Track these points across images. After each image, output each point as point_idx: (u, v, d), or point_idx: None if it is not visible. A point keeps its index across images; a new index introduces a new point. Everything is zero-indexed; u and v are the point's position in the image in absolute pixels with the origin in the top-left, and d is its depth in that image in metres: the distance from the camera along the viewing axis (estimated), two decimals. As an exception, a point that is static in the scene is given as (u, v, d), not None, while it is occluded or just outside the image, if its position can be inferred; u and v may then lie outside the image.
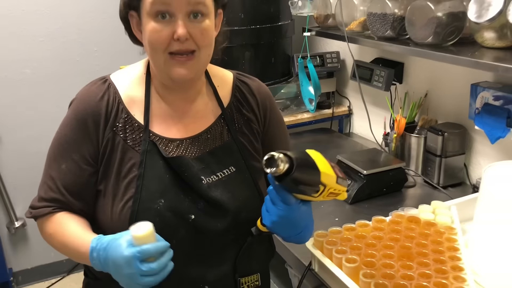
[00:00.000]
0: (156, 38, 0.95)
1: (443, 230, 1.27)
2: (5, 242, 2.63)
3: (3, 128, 2.51)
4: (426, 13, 1.50)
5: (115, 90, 1.05)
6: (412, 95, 1.99)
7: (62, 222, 1.03)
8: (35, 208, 1.05)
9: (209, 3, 0.98)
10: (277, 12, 2.22)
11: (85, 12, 2.53)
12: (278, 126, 1.19)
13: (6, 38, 2.42)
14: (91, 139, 1.02)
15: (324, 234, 1.26)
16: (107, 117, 1.03)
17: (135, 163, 1.02)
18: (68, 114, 1.05)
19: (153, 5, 0.94)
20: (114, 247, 0.89)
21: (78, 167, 1.02)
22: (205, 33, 0.97)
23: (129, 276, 0.88)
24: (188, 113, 1.08)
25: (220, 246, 1.06)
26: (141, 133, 1.03)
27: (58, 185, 1.03)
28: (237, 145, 1.09)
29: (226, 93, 1.13)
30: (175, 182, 1.02)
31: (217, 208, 1.03)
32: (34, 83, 2.53)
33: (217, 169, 1.06)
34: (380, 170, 1.70)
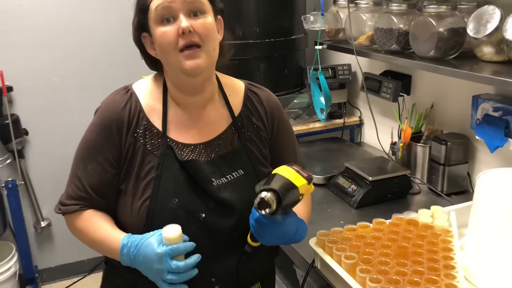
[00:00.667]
0: (165, 39, 1.06)
1: (440, 233, 1.35)
2: (31, 241, 2.78)
3: (32, 133, 2.67)
4: (428, 28, 1.59)
5: (136, 99, 1.16)
6: (419, 106, 2.07)
7: (91, 219, 1.14)
8: (64, 205, 1.17)
9: (206, 2, 1.09)
10: (291, 26, 2.34)
11: (111, 26, 2.68)
12: (286, 134, 1.29)
13: (38, 50, 2.59)
14: (114, 143, 1.13)
15: (326, 234, 1.35)
16: (129, 124, 1.13)
17: (153, 166, 1.12)
18: (94, 121, 1.16)
19: (157, 11, 1.06)
20: (146, 245, 1.03)
21: (103, 168, 1.13)
22: (206, 26, 1.08)
23: (157, 272, 1.01)
24: (202, 120, 1.18)
25: (228, 243, 1.15)
26: (159, 139, 1.14)
27: (85, 185, 1.14)
28: (246, 151, 1.19)
29: (238, 102, 1.23)
30: (188, 183, 1.12)
31: (226, 208, 1.13)
32: (61, 91, 2.69)
33: (227, 172, 1.16)
34: (385, 177, 1.79)
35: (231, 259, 1.16)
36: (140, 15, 1.11)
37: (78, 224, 1.16)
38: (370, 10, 1.95)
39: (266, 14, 2.25)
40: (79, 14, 2.63)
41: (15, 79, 2.56)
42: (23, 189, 2.65)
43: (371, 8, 1.95)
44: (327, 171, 2.00)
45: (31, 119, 2.64)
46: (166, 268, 1.00)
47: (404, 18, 1.72)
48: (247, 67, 2.28)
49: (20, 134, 2.58)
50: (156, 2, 1.06)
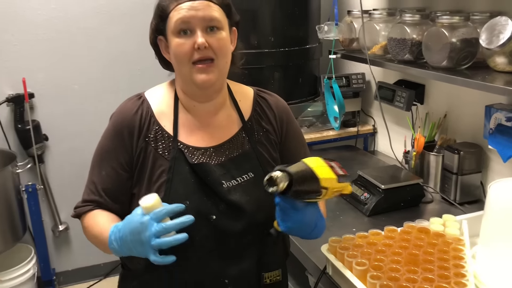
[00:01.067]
0: (180, 50, 1.11)
1: (451, 241, 1.36)
2: (49, 244, 2.84)
3: (52, 139, 2.74)
4: (441, 39, 1.60)
5: (148, 105, 1.20)
6: (432, 115, 2.08)
7: (95, 216, 1.18)
8: (77, 208, 1.22)
9: (222, 19, 1.13)
10: (305, 36, 2.37)
11: (128, 35, 2.75)
12: (295, 137, 1.32)
13: (59, 58, 2.66)
14: (126, 148, 1.17)
15: (338, 240, 1.37)
16: (140, 129, 1.17)
17: (164, 169, 1.16)
18: (108, 127, 1.21)
19: (176, 24, 1.10)
20: (129, 222, 1.03)
21: (116, 173, 1.18)
22: (221, 42, 1.12)
23: (145, 240, 0.99)
24: (212, 124, 1.22)
25: (239, 245, 1.18)
26: (170, 143, 1.18)
27: (99, 189, 1.19)
28: (256, 153, 1.22)
29: (247, 107, 1.27)
30: (199, 186, 1.15)
31: (236, 210, 1.16)
32: (81, 98, 2.76)
33: (237, 175, 1.19)
34: (398, 185, 1.80)
35: (244, 261, 1.19)
36: (159, 21, 1.16)
37: (85, 223, 1.20)
38: (383, 20, 1.97)
39: (281, 24, 2.29)
40: (98, 24, 2.70)
41: (36, 86, 2.64)
42: (42, 193, 2.72)
43: (384, 19, 1.98)
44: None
45: (51, 125, 2.72)
46: (152, 232, 0.99)
47: (417, 29, 1.74)
48: (262, 75, 2.32)
49: (40, 140, 2.65)
50: (176, 15, 1.10)
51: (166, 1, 1.13)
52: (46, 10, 2.58)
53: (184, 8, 1.10)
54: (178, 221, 1.01)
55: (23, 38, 2.57)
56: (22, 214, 2.53)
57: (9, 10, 2.52)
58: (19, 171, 2.48)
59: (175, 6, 1.11)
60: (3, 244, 2.36)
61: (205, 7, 1.10)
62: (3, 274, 2.40)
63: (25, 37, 2.57)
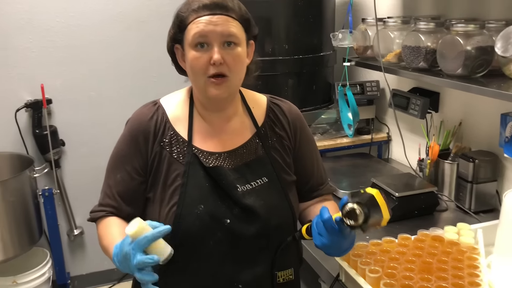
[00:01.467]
0: (196, 64, 1.12)
1: (465, 250, 1.35)
2: (64, 248, 2.88)
3: (69, 144, 2.78)
4: (456, 47, 1.60)
5: (163, 111, 1.22)
6: (447, 123, 2.07)
7: (108, 226, 1.19)
8: (93, 212, 1.24)
9: (240, 34, 1.14)
10: (320, 43, 2.38)
11: (144, 43, 2.79)
12: (308, 143, 1.33)
13: (76, 65, 2.71)
14: (141, 153, 1.19)
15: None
16: (155, 134, 1.19)
17: (179, 174, 1.17)
18: (123, 132, 1.24)
19: (194, 37, 1.11)
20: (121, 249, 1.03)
21: (130, 177, 1.20)
22: (237, 59, 1.13)
23: (132, 269, 0.99)
24: (226, 131, 1.24)
25: (253, 249, 1.18)
26: (184, 147, 1.19)
27: (114, 193, 1.21)
28: (269, 159, 1.23)
29: (261, 113, 1.28)
30: (213, 190, 1.17)
31: (250, 214, 1.16)
32: (98, 105, 2.80)
33: (251, 179, 1.20)
34: (412, 193, 1.79)
35: (258, 266, 1.19)
36: (177, 31, 1.17)
37: (99, 230, 1.22)
38: (398, 28, 1.97)
39: (295, 31, 2.31)
40: (116, 32, 2.75)
41: (54, 92, 2.69)
42: (58, 198, 2.76)
43: (399, 26, 1.98)
44: (354, 186, 2.01)
45: (68, 130, 2.76)
46: (134, 264, 0.98)
47: (431, 37, 1.74)
48: (276, 83, 2.33)
49: (57, 145, 2.70)
50: (194, 28, 1.11)
51: (185, 12, 1.14)
52: (64, 18, 2.63)
53: (203, 22, 1.11)
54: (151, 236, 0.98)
55: (41, 45, 2.62)
56: (39, 218, 2.57)
57: (29, 18, 2.57)
58: (36, 176, 2.52)
59: (194, 18, 1.12)
60: (19, 248, 2.40)
61: (223, 22, 1.11)
62: (19, 277, 2.43)
63: (44, 44, 2.63)
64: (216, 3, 1.12)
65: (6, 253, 2.34)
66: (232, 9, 1.13)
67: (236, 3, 1.16)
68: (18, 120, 2.63)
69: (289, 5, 2.27)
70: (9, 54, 2.58)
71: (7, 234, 2.32)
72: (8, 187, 2.31)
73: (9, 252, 2.35)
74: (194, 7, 1.13)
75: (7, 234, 2.32)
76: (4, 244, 2.32)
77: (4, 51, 2.57)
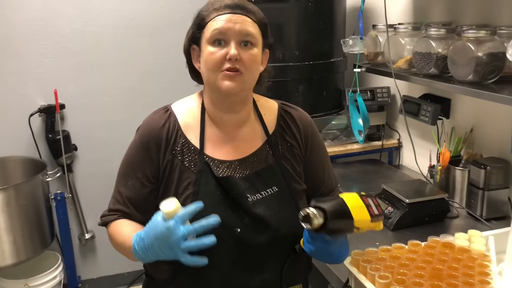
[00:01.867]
0: (212, 58, 1.13)
1: (476, 257, 1.34)
2: (76, 252, 2.90)
3: (81, 149, 2.81)
4: (467, 53, 1.60)
5: (175, 118, 1.22)
6: (458, 129, 2.06)
7: (119, 225, 1.21)
8: (104, 216, 1.25)
9: (257, 36, 1.16)
10: (330, 49, 2.39)
11: (157, 49, 2.82)
12: (319, 151, 1.33)
13: (90, 70, 2.75)
14: (152, 160, 1.20)
15: (361, 253, 1.37)
16: (167, 142, 1.20)
17: (191, 182, 1.17)
18: (134, 138, 1.24)
19: (213, 33, 1.13)
20: (152, 228, 1.04)
21: (141, 184, 1.20)
22: (252, 57, 1.15)
23: (174, 243, 1.00)
24: (237, 138, 1.24)
25: (263, 258, 1.19)
26: (196, 156, 1.20)
27: (124, 199, 1.21)
28: (280, 168, 1.23)
29: (272, 121, 1.28)
30: (224, 199, 1.17)
31: (260, 223, 1.17)
32: (110, 110, 2.83)
33: (262, 189, 1.20)
34: (422, 199, 1.78)
35: (267, 272, 1.20)
36: (196, 29, 1.19)
37: (111, 231, 1.23)
38: (408, 35, 1.98)
39: (306, 37, 2.32)
40: (128, 38, 2.78)
41: (67, 97, 2.72)
42: (70, 202, 2.79)
43: (409, 33, 1.98)
44: (364, 192, 2.00)
45: (80, 135, 2.79)
46: (180, 235, 1.00)
47: (442, 43, 1.74)
48: (286, 88, 2.34)
49: (69, 149, 2.73)
50: (214, 25, 1.13)
51: (207, 11, 1.17)
52: (78, 24, 2.67)
53: (223, 19, 1.13)
54: (204, 223, 1.01)
55: (55, 51, 2.66)
56: (51, 221, 2.59)
57: (43, 25, 2.62)
58: (48, 180, 2.55)
59: (214, 16, 1.14)
60: (32, 251, 2.43)
61: (242, 21, 1.13)
62: (31, 280, 2.46)
63: (58, 50, 2.67)
64: (237, 4, 1.15)
65: (19, 256, 2.37)
66: (252, 12, 1.16)
67: (256, 8, 1.19)
68: (32, 124, 2.67)
69: (300, 11, 2.28)
70: (23, 59, 2.62)
71: (19, 237, 2.34)
72: (21, 191, 2.34)
73: (21, 255, 2.38)
74: (216, 6, 1.15)
75: (19, 237, 2.34)
76: (17, 247, 2.35)
77: (19, 57, 2.61)
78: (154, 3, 2.78)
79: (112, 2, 2.71)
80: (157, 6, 2.79)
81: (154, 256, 1.06)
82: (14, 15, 2.56)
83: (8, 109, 2.65)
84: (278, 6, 2.26)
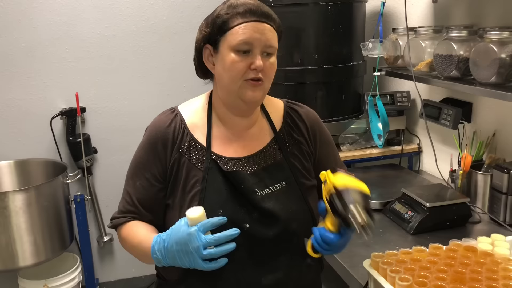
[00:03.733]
0: (236, 67, 1.13)
1: (500, 261, 1.31)
2: (94, 254, 2.92)
3: (101, 152, 2.85)
4: (489, 54, 1.58)
5: (181, 118, 1.24)
6: (480, 134, 2.03)
7: (133, 227, 1.21)
8: (114, 219, 1.26)
9: (276, 45, 1.17)
10: (349, 53, 2.38)
11: (178, 53, 2.85)
12: (328, 146, 1.34)
13: (110, 74, 2.78)
14: (160, 160, 1.20)
15: (381, 256, 1.34)
16: (174, 141, 1.20)
17: (198, 179, 1.18)
18: (142, 139, 1.26)
19: (240, 43, 1.12)
20: (175, 231, 1.07)
21: (149, 184, 1.21)
22: (273, 67, 1.17)
23: (194, 251, 1.03)
24: (245, 136, 1.24)
25: (273, 253, 1.18)
26: (203, 153, 1.20)
27: (133, 200, 1.22)
28: (288, 164, 1.23)
29: (278, 118, 1.29)
30: (232, 195, 1.17)
31: (270, 218, 1.16)
32: (130, 114, 2.86)
33: (270, 183, 1.20)
34: (443, 203, 1.76)
35: (279, 270, 1.19)
36: (214, 31, 1.16)
37: (123, 233, 1.23)
38: (429, 37, 1.96)
39: (324, 41, 2.31)
40: (148, 42, 2.81)
41: (88, 101, 2.76)
42: (90, 204, 2.81)
43: (430, 35, 1.96)
44: (384, 196, 1.99)
45: (100, 138, 2.82)
46: (201, 243, 1.03)
47: (464, 45, 1.72)
48: (305, 92, 2.33)
49: (90, 152, 2.76)
50: (241, 33, 1.11)
51: (228, 13, 1.13)
52: (99, 29, 2.72)
53: (249, 28, 1.11)
54: (227, 233, 1.05)
55: (77, 55, 2.71)
56: (70, 223, 2.62)
57: (66, 29, 2.66)
58: (69, 182, 2.58)
59: (239, 22, 1.12)
60: (51, 252, 2.45)
61: (268, 32, 1.13)
62: (50, 281, 2.48)
63: (79, 54, 2.71)
64: (262, 11, 1.14)
65: (39, 256, 2.39)
66: (273, 19, 1.16)
67: (275, 16, 1.18)
68: (53, 127, 2.71)
69: (319, 15, 2.28)
70: (46, 63, 2.67)
71: (40, 238, 2.37)
72: (42, 192, 2.37)
73: (41, 255, 2.40)
74: (239, 10, 1.12)
75: (40, 238, 2.37)
76: (37, 247, 2.37)
77: (42, 60, 2.66)
78: (174, 8, 2.82)
79: (133, 7, 2.75)
80: (177, 12, 2.82)
81: (170, 260, 1.09)
82: (38, 19, 2.61)
83: (30, 112, 2.70)
84: (297, 10, 2.26)
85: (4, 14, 2.56)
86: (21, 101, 2.67)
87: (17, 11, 2.57)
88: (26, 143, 2.72)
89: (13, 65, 2.63)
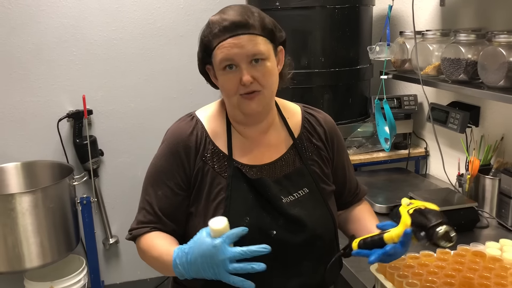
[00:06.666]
0: (227, 85, 1.14)
1: (509, 266, 1.29)
2: (100, 256, 2.92)
3: (107, 154, 2.85)
4: (498, 58, 1.57)
5: (201, 125, 1.23)
6: (488, 138, 2.01)
7: (153, 238, 1.18)
8: (133, 230, 1.22)
9: (267, 49, 1.13)
10: (356, 56, 2.37)
11: (184, 56, 2.85)
12: (343, 152, 1.34)
13: (117, 77, 2.79)
14: (184, 168, 1.19)
15: (388, 260, 1.34)
16: (197, 149, 1.20)
17: (222, 187, 1.17)
18: (162, 148, 1.23)
19: (221, 62, 1.12)
20: (199, 244, 1.03)
21: (173, 192, 1.19)
22: (267, 74, 1.13)
23: (220, 264, 0.99)
24: (263, 144, 1.24)
25: (299, 259, 1.18)
26: (226, 161, 1.20)
27: (155, 209, 1.19)
28: (308, 170, 1.23)
29: (296, 124, 1.28)
30: (257, 202, 1.17)
31: (296, 224, 1.16)
32: (136, 116, 2.86)
33: (293, 190, 1.20)
34: (450, 208, 1.74)
35: (304, 275, 1.19)
36: (204, 55, 1.17)
37: (143, 245, 1.19)
38: (437, 41, 1.95)
39: (331, 44, 2.31)
40: (156, 45, 2.82)
41: (95, 103, 2.77)
42: (96, 206, 2.82)
43: (438, 39, 1.95)
44: (390, 200, 1.98)
45: (107, 141, 2.83)
46: (228, 256, 0.99)
47: (472, 48, 1.71)
48: (312, 95, 2.33)
49: (96, 155, 2.77)
50: (219, 53, 1.11)
51: (208, 37, 1.14)
52: (106, 32, 2.73)
53: (226, 46, 1.10)
54: (254, 249, 1.01)
55: (84, 58, 2.72)
56: (76, 225, 2.62)
57: (73, 32, 2.68)
58: (75, 184, 2.58)
59: (217, 43, 1.11)
60: (57, 254, 2.46)
61: (247, 43, 1.09)
62: (56, 283, 2.48)
63: (86, 57, 2.72)
64: (236, 24, 1.10)
65: (45, 258, 2.39)
66: (253, 26, 1.11)
67: (256, 17, 1.13)
68: (60, 129, 2.72)
69: (326, 18, 2.27)
70: (53, 66, 2.68)
71: (46, 239, 2.38)
72: (48, 194, 2.38)
73: (47, 257, 2.41)
74: (215, 31, 1.12)
75: (46, 239, 2.38)
76: (43, 249, 2.38)
77: (49, 63, 2.67)
78: (180, 11, 2.82)
79: (140, 10, 2.76)
80: (184, 15, 2.83)
81: (194, 273, 1.05)
82: (46, 22, 2.62)
83: (38, 114, 2.71)
84: (304, 13, 2.25)
85: (12, 17, 2.58)
86: (28, 103, 2.69)
87: (25, 14, 2.59)
88: (33, 145, 2.73)
89: (21, 68, 2.64)
